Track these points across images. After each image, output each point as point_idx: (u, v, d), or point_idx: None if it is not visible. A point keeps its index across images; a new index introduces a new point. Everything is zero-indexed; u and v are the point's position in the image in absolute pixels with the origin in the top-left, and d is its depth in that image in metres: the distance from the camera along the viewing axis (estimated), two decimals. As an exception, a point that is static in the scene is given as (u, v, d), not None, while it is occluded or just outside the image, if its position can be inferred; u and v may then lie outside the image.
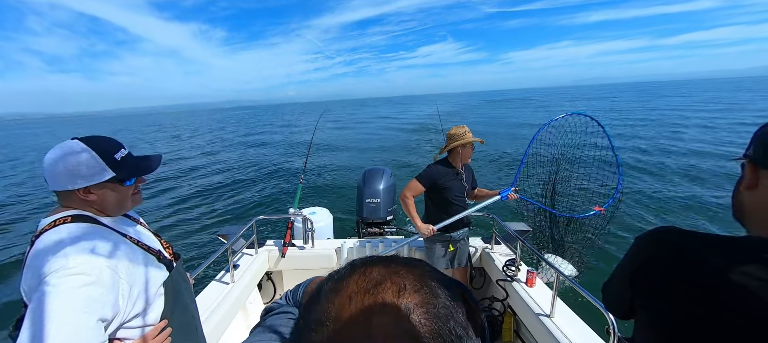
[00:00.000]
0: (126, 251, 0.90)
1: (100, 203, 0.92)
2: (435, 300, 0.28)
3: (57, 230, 0.83)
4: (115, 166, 0.90)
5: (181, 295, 1.07)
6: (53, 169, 0.86)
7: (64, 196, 0.89)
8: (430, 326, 0.26)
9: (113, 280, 0.82)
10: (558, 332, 1.80)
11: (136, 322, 0.89)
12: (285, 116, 57.73)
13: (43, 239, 0.82)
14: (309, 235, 2.88)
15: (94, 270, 0.78)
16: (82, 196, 0.88)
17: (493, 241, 2.80)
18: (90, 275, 0.77)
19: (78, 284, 0.75)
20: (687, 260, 0.56)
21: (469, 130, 2.35)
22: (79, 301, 0.74)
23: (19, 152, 23.03)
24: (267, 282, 2.89)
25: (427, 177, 2.33)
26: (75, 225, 0.85)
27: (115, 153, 0.91)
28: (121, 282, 0.84)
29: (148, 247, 0.99)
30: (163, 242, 1.11)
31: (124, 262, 0.87)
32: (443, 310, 0.27)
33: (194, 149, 18.62)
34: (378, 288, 0.27)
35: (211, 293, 2.19)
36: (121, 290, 0.83)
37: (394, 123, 29.42)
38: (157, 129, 39.80)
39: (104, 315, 0.78)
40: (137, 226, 1.06)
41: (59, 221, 0.85)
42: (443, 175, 2.33)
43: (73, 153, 0.86)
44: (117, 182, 0.92)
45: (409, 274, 0.29)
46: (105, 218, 0.94)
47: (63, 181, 0.86)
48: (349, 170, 10.88)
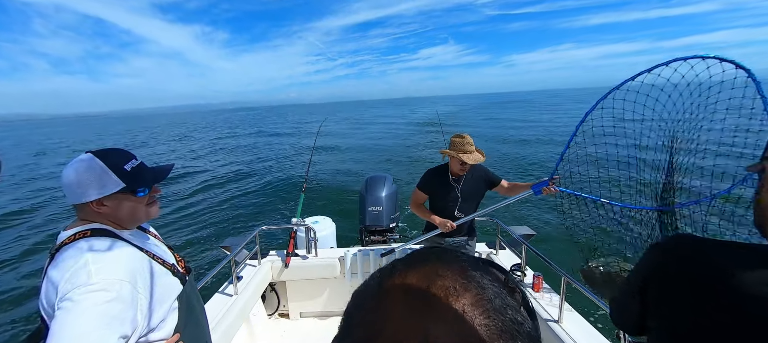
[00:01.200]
0: (144, 265, 0.91)
1: (114, 215, 0.93)
2: (486, 293, 0.25)
3: (77, 245, 0.83)
4: (124, 177, 0.92)
5: (194, 309, 1.08)
6: (67, 182, 0.88)
7: (81, 209, 0.91)
8: (492, 323, 0.24)
9: (133, 295, 0.82)
10: (567, 337, 1.77)
11: (151, 336, 0.89)
12: (287, 119, 57.98)
13: (64, 253, 0.82)
14: (312, 244, 2.87)
15: (114, 286, 0.79)
16: (95, 208, 0.90)
17: (498, 246, 2.78)
18: (111, 291, 0.78)
19: (100, 300, 0.76)
20: (703, 270, 0.54)
21: (470, 142, 2.21)
22: (101, 317, 0.75)
23: (28, 152, 23.20)
24: (271, 293, 2.87)
25: (423, 184, 2.37)
26: (95, 239, 0.86)
27: (125, 164, 0.93)
28: (139, 297, 0.84)
29: (164, 261, 1.00)
30: (175, 255, 1.12)
31: (143, 276, 0.88)
32: (498, 301, 0.25)
33: (195, 159, 18.68)
34: (424, 297, 0.25)
35: (214, 305, 2.17)
36: (139, 306, 0.84)
37: (395, 126, 29.51)
38: (159, 131, 39.94)
39: (124, 332, 0.79)
40: (152, 239, 1.06)
41: (79, 234, 0.86)
42: (437, 181, 2.33)
43: (83, 166, 0.88)
44: (129, 193, 0.93)
45: (450, 271, 0.26)
46: (122, 231, 0.95)
47: (77, 194, 0.88)
48: (351, 178, 10.88)
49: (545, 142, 14.69)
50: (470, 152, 2.18)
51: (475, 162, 2.16)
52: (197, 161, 17.34)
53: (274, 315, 2.88)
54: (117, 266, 0.83)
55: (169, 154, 21.09)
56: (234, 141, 26.40)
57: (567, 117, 29.72)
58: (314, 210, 7.16)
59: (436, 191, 2.34)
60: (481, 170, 2.38)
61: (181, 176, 13.23)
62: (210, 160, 17.35)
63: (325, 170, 12.45)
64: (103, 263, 0.81)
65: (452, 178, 2.31)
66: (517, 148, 14.05)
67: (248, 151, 20.11)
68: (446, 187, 2.31)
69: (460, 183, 2.32)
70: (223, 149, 21.75)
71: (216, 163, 16.25)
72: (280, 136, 29.33)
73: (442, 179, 2.32)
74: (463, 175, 2.31)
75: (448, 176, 2.31)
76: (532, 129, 20.44)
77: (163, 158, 19.22)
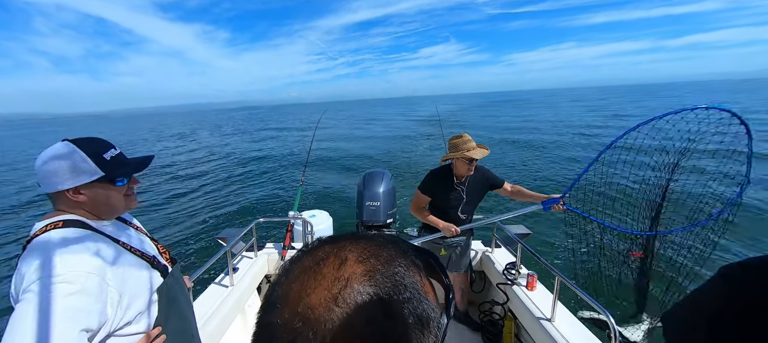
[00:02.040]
0: (116, 257, 0.88)
1: (91, 204, 0.90)
2: (383, 269, 0.29)
3: (47, 236, 0.82)
4: (104, 166, 0.89)
5: (177, 301, 1.05)
6: (43, 170, 0.85)
7: (56, 198, 0.89)
8: (374, 292, 0.27)
9: (100, 288, 0.80)
10: (559, 335, 1.79)
11: (127, 329, 0.87)
12: (287, 117, 57.80)
13: (33, 244, 0.81)
14: (309, 238, 2.88)
15: (79, 278, 0.77)
16: (71, 197, 0.87)
17: (493, 244, 2.79)
18: (74, 283, 0.76)
19: (62, 293, 0.74)
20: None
21: (470, 140, 2.17)
22: (62, 311, 0.72)
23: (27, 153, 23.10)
24: (266, 285, 2.88)
25: (425, 186, 2.34)
26: (65, 230, 0.84)
27: (104, 153, 0.90)
28: (109, 289, 0.82)
29: (142, 252, 0.98)
30: (159, 246, 1.10)
31: (114, 268, 0.85)
32: (391, 279, 0.29)
33: (195, 151, 18.63)
34: (320, 264, 0.29)
35: (210, 296, 2.18)
36: (109, 298, 0.81)
37: (394, 124, 29.47)
38: (161, 130, 39.89)
39: (89, 325, 0.76)
40: (132, 230, 1.04)
41: (51, 225, 0.84)
42: (439, 184, 2.30)
43: (61, 153, 0.86)
44: (107, 182, 0.91)
45: (356, 247, 0.31)
46: (98, 222, 0.92)
47: (53, 182, 0.85)
48: (349, 173, 10.88)
49: (542, 146, 14.71)
50: (473, 148, 2.14)
51: (481, 156, 2.14)
52: (196, 155, 17.30)
53: None
54: (85, 258, 0.80)
55: (169, 151, 21.03)
56: (234, 138, 26.33)
57: (564, 114, 29.95)
58: (312, 204, 7.17)
59: (439, 193, 2.31)
60: (482, 171, 2.35)
61: (180, 169, 13.19)
62: (209, 155, 17.31)
63: (323, 165, 12.44)
64: (71, 254, 0.79)
65: (456, 181, 2.28)
66: (519, 150, 14.06)
67: (247, 146, 20.07)
68: (450, 189, 2.28)
69: (464, 185, 2.27)
70: (223, 145, 21.69)
71: (214, 157, 16.22)
72: (281, 131, 29.27)
73: (446, 182, 2.29)
74: (467, 177, 2.26)
75: (453, 179, 2.28)
76: (529, 129, 20.45)
77: (163, 155, 19.15)
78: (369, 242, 0.32)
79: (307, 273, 0.29)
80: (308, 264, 0.30)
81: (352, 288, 0.27)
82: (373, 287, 0.27)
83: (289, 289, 0.28)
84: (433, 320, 0.29)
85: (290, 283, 0.29)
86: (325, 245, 0.32)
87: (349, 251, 0.30)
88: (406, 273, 0.30)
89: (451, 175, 2.28)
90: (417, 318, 0.28)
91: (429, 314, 0.29)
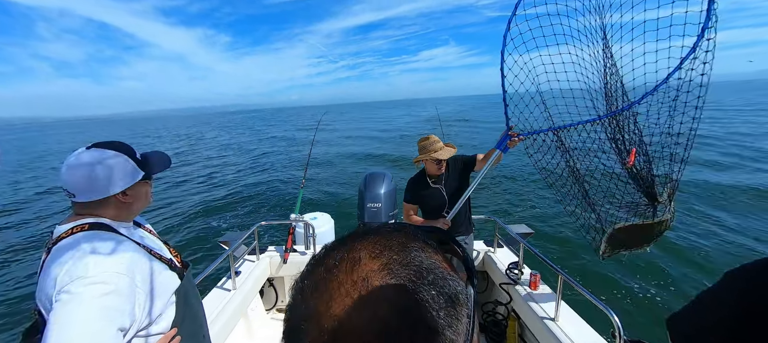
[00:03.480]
0: (141, 259, 0.90)
1: (133, 203, 0.95)
2: (399, 257, 0.28)
3: (75, 238, 0.83)
4: (142, 166, 0.96)
5: (191, 303, 1.07)
6: (88, 177, 0.85)
7: (90, 204, 0.89)
8: (397, 283, 0.26)
9: (130, 288, 0.82)
10: (563, 335, 1.78)
11: (148, 330, 0.89)
12: (287, 119, 57.88)
13: (61, 246, 0.82)
14: (310, 240, 2.87)
15: (112, 278, 0.79)
16: (121, 199, 0.92)
17: (496, 244, 2.78)
18: (109, 284, 0.78)
19: (98, 293, 0.75)
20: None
21: (437, 141, 2.21)
22: (100, 310, 0.74)
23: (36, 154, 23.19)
24: (269, 288, 2.87)
25: (407, 196, 2.38)
26: (93, 233, 0.85)
27: (135, 154, 0.96)
28: (137, 291, 0.84)
29: (160, 255, 0.99)
30: (171, 250, 1.11)
31: (141, 270, 0.87)
32: (409, 266, 0.27)
33: (196, 154, 18.67)
34: (334, 272, 0.28)
35: (212, 300, 2.18)
36: (137, 299, 0.84)
37: (396, 125, 29.49)
38: (162, 133, 40.04)
39: (123, 324, 0.78)
40: (147, 234, 1.06)
41: (77, 228, 0.85)
42: (418, 189, 2.34)
43: (107, 159, 0.89)
44: (145, 181, 0.98)
45: (365, 244, 0.30)
46: (119, 225, 0.94)
47: (101, 187, 0.87)
48: (350, 175, 10.88)
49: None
50: (440, 149, 2.19)
51: (448, 156, 2.18)
52: (197, 158, 17.33)
53: (272, 310, 2.89)
54: (115, 259, 0.82)
55: (171, 153, 21.06)
56: (235, 141, 26.39)
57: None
58: (313, 206, 7.17)
59: (422, 198, 2.34)
60: (457, 161, 2.34)
61: (182, 172, 13.22)
62: (211, 157, 17.35)
63: (324, 167, 12.45)
64: (102, 256, 0.81)
65: (432, 180, 2.30)
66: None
67: (249, 149, 20.10)
68: (430, 190, 2.31)
69: (442, 183, 2.29)
70: (225, 147, 21.74)
71: (216, 160, 16.25)
72: (281, 133, 29.32)
73: (423, 185, 2.32)
74: (442, 174, 2.29)
75: (427, 180, 2.31)
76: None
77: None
78: (377, 235, 0.31)
79: (323, 285, 0.28)
80: (321, 275, 0.28)
81: (373, 286, 0.26)
82: (394, 279, 0.26)
83: (309, 306, 0.27)
84: (462, 293, 0.28)
85: (307, 300, 0.27)
86: (333, 251, 0.30)
87: (359, 250, 0.29)
88: (423, 256, 0.29)
89: (425, 176, 2.32)
90: (446, 297, 0.27)
91: (456, 290, 0.28)
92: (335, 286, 0.27)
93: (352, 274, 0.27)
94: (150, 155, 1.01)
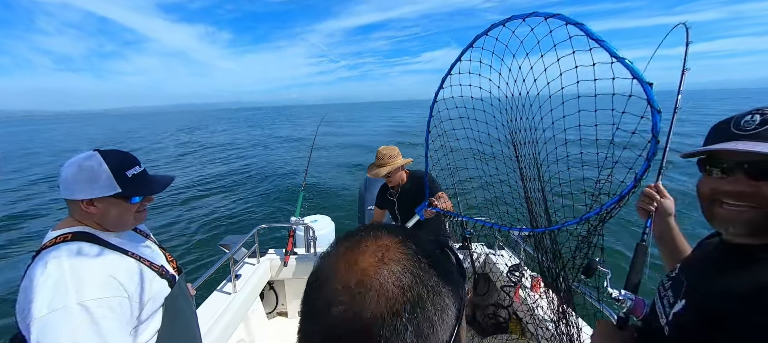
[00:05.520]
0: (125, 269, 0.89)
1: (100, 217, 0.90)
2: (411, 240, 0.35)
3: (56, 251, 0.81)
4: (124, 183, 0.90)
5: (182, 311, 1.06)
6: (64, 175, 0.87)
7: (71, 205, 0.89)
8: (415, 250, 0.34)
9: (121, 304, 0.82)
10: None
11: (132, 339, 0.88)
12: (287, 119, 57.81)
13: (43, 256, 0.81)
14: (311, 243, 2.87)
15: (92, 290, 0.79)
16: (84, 207, 0.88)
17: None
18: (88, 294, 0.77)
19: (71, 323, 0.74)
20: None
21: (384, 154, 2.10)
22: (72, 338, 0.74)
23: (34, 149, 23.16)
24: (269, 291, 2.86)
25: (377, 199, 2.40)
26: (75, 245, 0.84)
27: (127, 170, 0.91)
28: (121, 300, 0.84)
29: (151, 262, 0.98)
30: (167, 255, 1.10)
31: (123, 279, 0.86)
32: (422, 247, 0.35)
33: (196, 155, 18.66)
34: (360, 243, 0.34)
35: (213, 304, 2.17)
36: (121, 309, 0.83)
37: (396, 125, 29.48)
38: (161, 130, 40.00)
39: (107, 334, 0.78)
40: (143, 240, 1.05)
41: (59, 238, 0.84)
42: (382, 197, 2.36)
43: (85, 163, 0.87)
44: (122, 198, 0.91)
45: (384, 228, 0.37)
46: (109, 234, 0.93)
47: (69, 189, 0.87)
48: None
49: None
50: (378, 167, 2.09)
51: (376, 176, 2.10)
52: (198, 160, 17.31)
53: (273, 314, 2.88)
54: (94, 271, 0.82)
55: (168, 152, 21.02)
56: (235, 140, 26.36)
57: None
58: (313, 209, 7.16)
59: (386, 207, 2.36)
60: (415, 180, 2.18)
61: (181, 175, 13.21)
62: (210, 159, 17.32)
63: (324, 169, 12.45)
64: (82, 276, 0.79)
65: (389, 193, 2.29)
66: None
67: (248, 150, 20.09)
68: (388, 202, 2.31)
69: (395, 197, 2.26)
70: (224, 147, 21.72)
71: (216, 162, 16.23)
72: (282, 134, 29.31)
73: (384, 195, 2.33)
74: (397, 188, 2.23)
75: (386, 192, 2.30)
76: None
77: (162, 156, 19.15)
78: (391, 226, 0.38)
79: (349, 252, 0.33)
80: (345, 247, 0.34)
81: (395, 249, 0.33)
82: (410, 250, 0.34)
83: (336, 267, 0.33)
84: (454, 273, 0.36)
85: (332, 265, 0.33)
86: (357, 232, 0.37)
87: (379, 230, 0.36)
88: (428, 244, 0.36)
89: (386, 187, 2.30)
90: (445, 271, 0.34)
91: (451, 269, 0.36)
92: (361, 250, 0.33)
93: (376, 242, 0.34)
94: (143, 177, 0.95)
